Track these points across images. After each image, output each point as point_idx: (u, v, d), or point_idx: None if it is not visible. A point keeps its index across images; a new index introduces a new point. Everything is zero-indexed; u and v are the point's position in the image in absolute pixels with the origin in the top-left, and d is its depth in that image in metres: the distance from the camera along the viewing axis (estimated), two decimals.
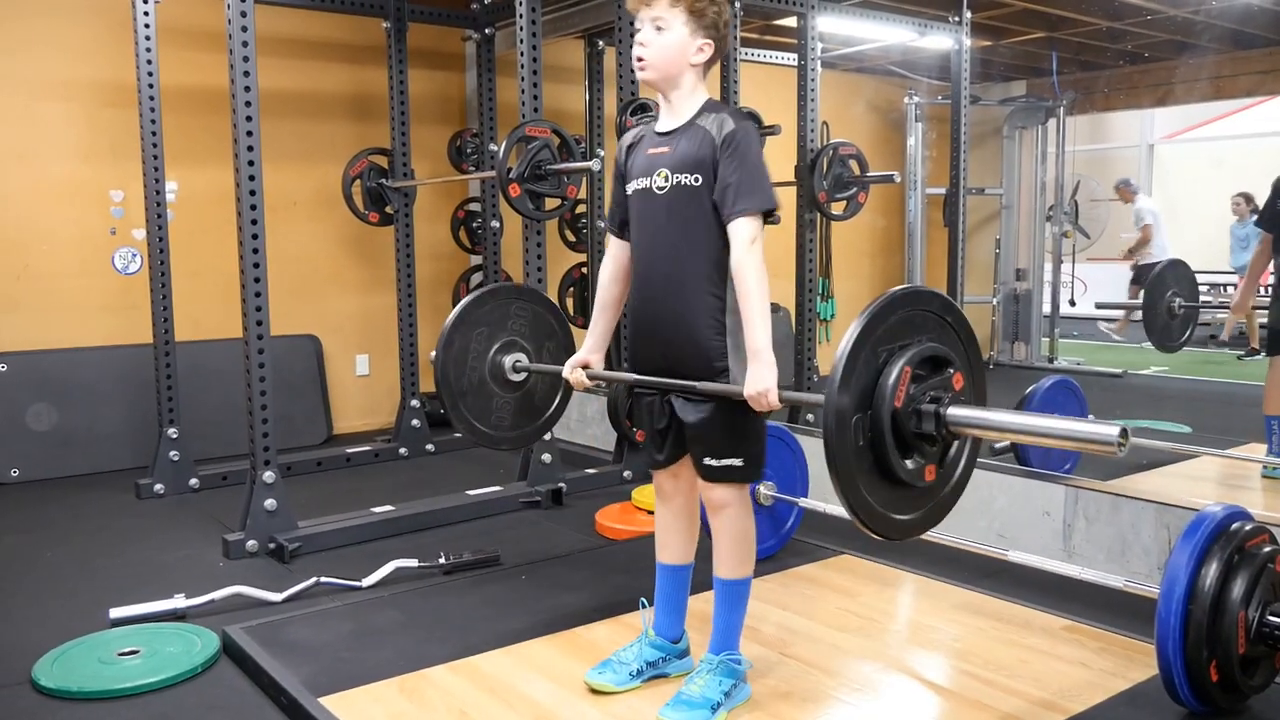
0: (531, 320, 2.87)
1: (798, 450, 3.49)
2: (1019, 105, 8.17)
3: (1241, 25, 6.48)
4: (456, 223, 5.95)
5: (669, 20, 2.19)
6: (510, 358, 2.82)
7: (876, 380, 1.84)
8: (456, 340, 2.74)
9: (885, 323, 1.85)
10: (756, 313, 2.12)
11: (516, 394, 2.85)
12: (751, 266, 2.13)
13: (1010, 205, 8.25)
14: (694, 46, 2.21)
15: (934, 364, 1.91)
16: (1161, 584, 2.22)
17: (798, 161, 4.76)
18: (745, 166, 2.15)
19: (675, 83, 2.24)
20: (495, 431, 2.83)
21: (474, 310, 2.79)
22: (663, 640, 2.47)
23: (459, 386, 2.74)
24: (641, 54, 2.22)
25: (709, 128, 2.20)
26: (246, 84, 3.51)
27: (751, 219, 2.14)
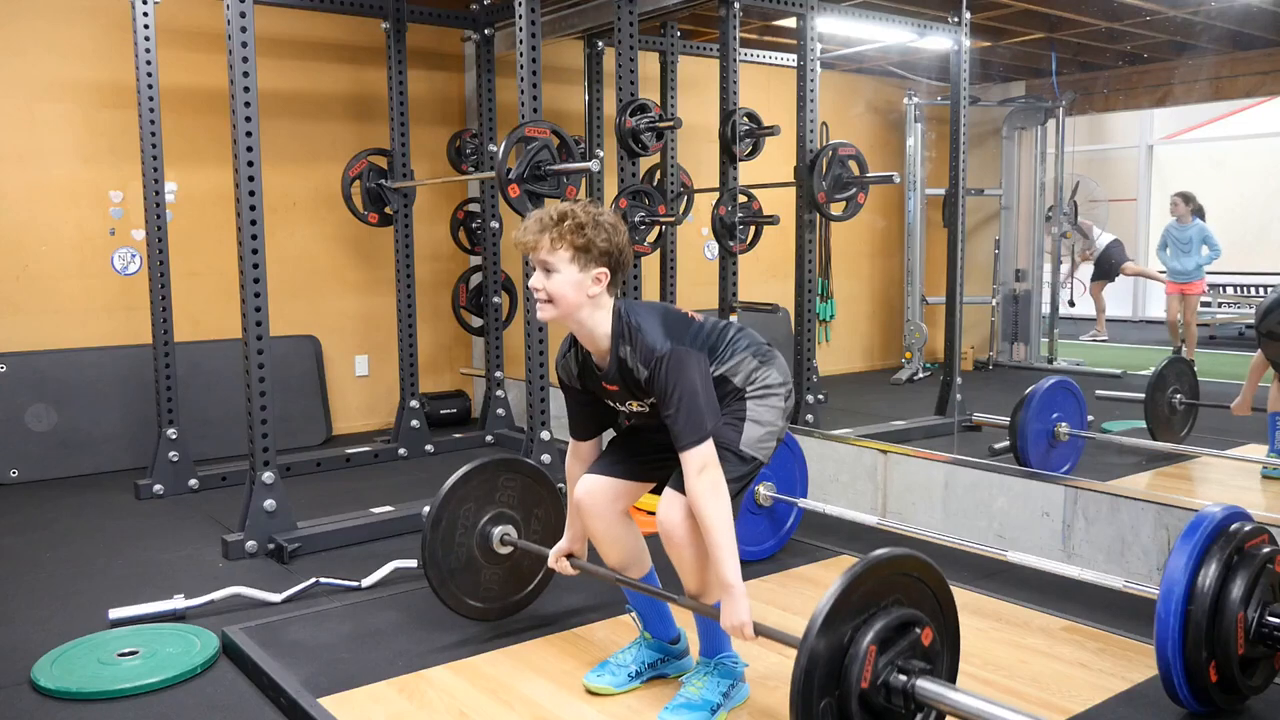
0: (520, 491, 2.82)
1: (797, 451, 3.49)
2: (1018, 106, 8.17)
3: (1241, 26, 6.48)
4: (456, 223, 5.95)
5: (555, 262, 2.14)
6: (499, 529, 2.77)
7: (843, 660, 1.81)
8: (444, 518, 2.69)
9: (850, 600, 1.82)
10: (721, 546, 2.08)
11: (504, 565, 2.81)
12: (706, 498, 2.08)
13: (1009, 206, 8.25)
14: (588, 279, 2.15)
15: (901, 628, 1.87)
16: (1161, 584, 2.22)
17: (797, 162, 4.76)
18: (676, 401, 2.10)
19: (575, 317, 2.19)
20: (484, 604, 2.80)
21: (460, 487, 2.72)
22: (659, 641, 2.47)
23: (448, 565, 2.71)
24: (538, 296, 2.18)
25: (634, 367, 2.17)
26: (246, 84, 3.51)
27: (696, 449, 2.10)
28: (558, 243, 2.13)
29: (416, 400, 5.28)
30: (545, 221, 2.15)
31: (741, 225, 5.15)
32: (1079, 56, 7.59)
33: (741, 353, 2.28)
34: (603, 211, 2.20)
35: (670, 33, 5.85)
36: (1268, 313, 4.00)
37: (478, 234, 5.82)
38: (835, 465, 4.08)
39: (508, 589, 2.85)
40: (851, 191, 4.81)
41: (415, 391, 5.28)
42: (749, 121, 5.18)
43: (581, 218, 2.14)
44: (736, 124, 4.96)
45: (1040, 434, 4.13)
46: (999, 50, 7.22)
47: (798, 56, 4.84)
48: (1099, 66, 7.92)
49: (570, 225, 2.13)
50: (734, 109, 4.89)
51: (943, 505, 3.70)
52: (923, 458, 3.83)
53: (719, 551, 2.08)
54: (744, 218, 5.16)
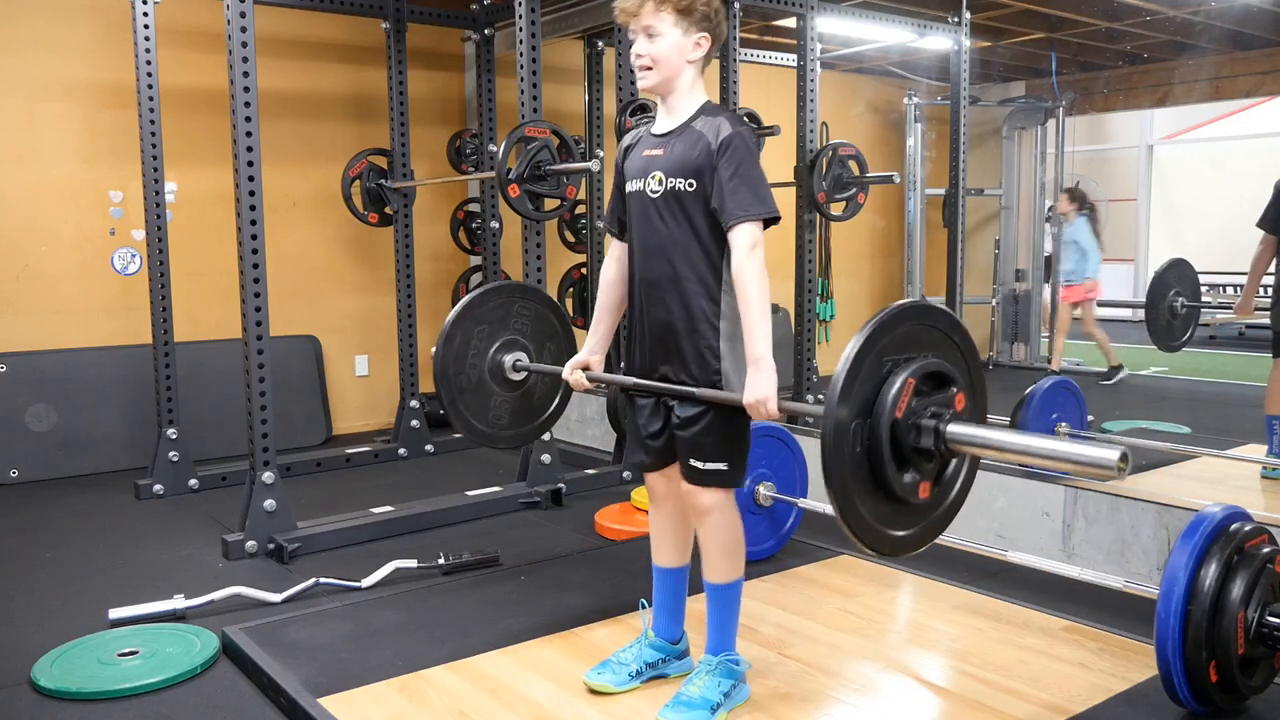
0: (534, 320, 2.85)
1: (797, 451, 3.49)
2: (1018, 106, 8.17)
3: (1241, 26, 6.49)
4: (456, 223, 5.96)
5: (659, 25, 2.17)
6: (511, 356, 2.80)
7: (879, 390, 1.81)
8: (458, 335, 2.72)
9: (892, 333, 1.83)
10: (757, 319, 2.11)
11: (516, 393, 2.83)
12: (752, 273, 2.11)
13: (1009, 206, 8.25)
14: (689, 44, 2.19)
15: (938, 381, 1.88)
16: (1161, 584, 2.22)
17: (797, 162, 4.76)
18: (744, 173, 2.13)
19: (674, 84, 2.22)
20: (492, 430, 2.81)
21: (477, 307, 2.76)
22: (662, 641, 2.47)
23: (458, 383, 2.72)
24: (639, 63, 2.20)
25: (705, 132, 2.18)
26: (246, 84, 3.51)
27: (752, 225, 2.13)
28: (662, 6, 2.15)
29: (416, 400, 5.28)
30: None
31: None
32: (1079, 56, 7.59)
33: None
34: None
35: None
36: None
37: (478, 234, 5.82)
38: None
39: (518, 418, 2.85)
40: (851, 191, 4.81)
41: (415, 391, 5.29)
42: (749, 122, 5.18)
43: None
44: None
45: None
46: (999, 50, 7.22)
47: (798, 56, 4.84)
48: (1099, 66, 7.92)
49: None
50: (734, 109, 4.89)
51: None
52: None
53: (755, 326, 2.11)
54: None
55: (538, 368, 2.81)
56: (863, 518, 1.82)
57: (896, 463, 1.83)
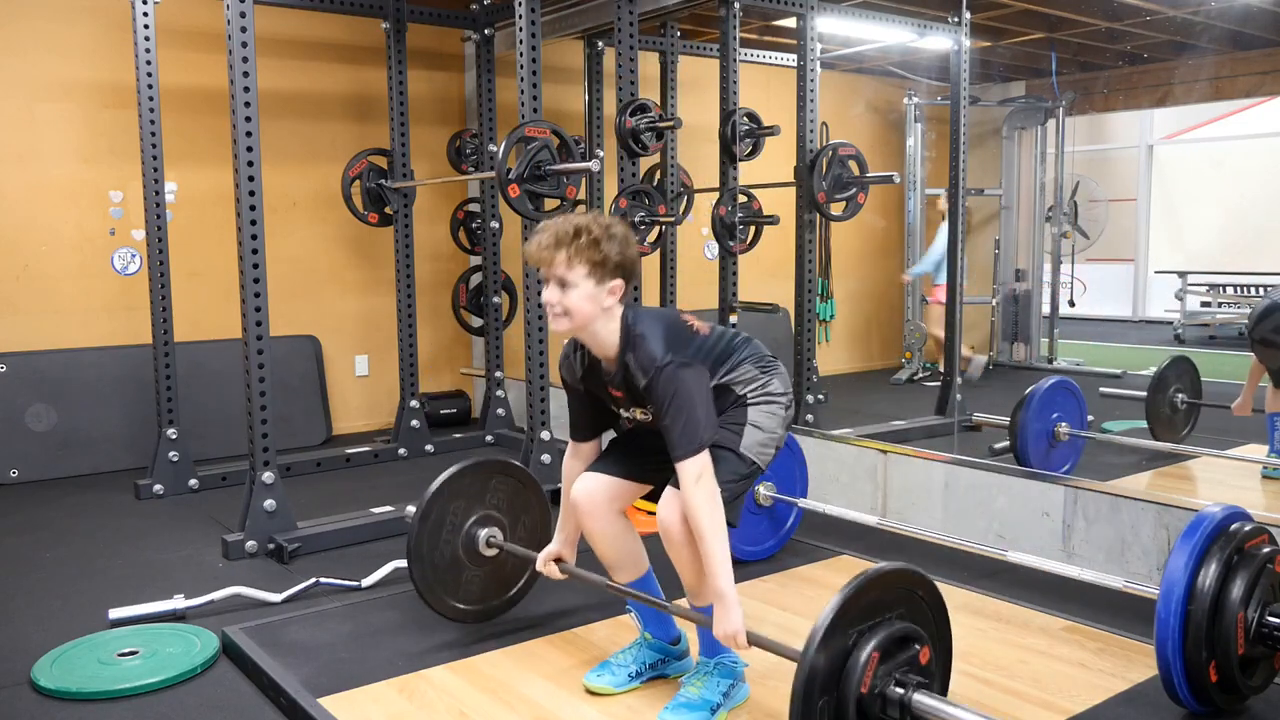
0: (510, 494, 2.82)
1: (797, 451, 3.49)
2: (1018, 106, 8.16)
3: (1241, 26, 6.48)
4: (456, 223, 5.95)
5: (571, 277, 2.15)
6: (485, 531, 2.76)
7: (845, 662, 1.84)
8: (434, 511, 2.68)
9: (857, 606, 1.85)
10: (715, 556, 2.10)
11: (486, 569, 2.80)
12: (701, 507, 2.10)
13: (1009, 206, 8.25)
14: (603, 293, 2.17)
15: (902, 642, 1.90)
16: (1161, 584, 2.22)
17: (797, 162, 4.76)
18: (672, 412, 2.11)
19: (591, 328, 2.20)
20: (463, 605, 2.78)
21: (454, 482, 2.72)
22: (660, 642, 2.47)
23: (432, 560, 2.70)
24: (552, 311, 2.18)
25: (634, 374, 2.17)
26: (246, 84, 3.51)
27: (693, 459, 2.11)
28: (575, 259, 2.14)
29: (416, 400, 5.28)
30: (561, 237, 2.14)
31: (741, 225, 5.15)
32: (1079, 56, 7.59)
33: (745, 363, 2.30)
34: (614, 222, 2.21)
35: (670, 33, 5.85)
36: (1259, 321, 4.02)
37: (478, 234, 5.82)
38: (835, 465, 4.08)
39: (489, 592, 2.83)
40: (851, 191, 4.81)
41: (415, 391, 5.29)
42: (749, 121, 5.18)
43: (596, 232, 2.15)
44: (736, 124, 4.96)
45: (1040, 434, 4.13)
46: (999, 50, 7.22)
47: (798, 56, 4.84)
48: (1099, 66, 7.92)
49: (586, 241, 2.13)
50: (734, 109, 4.89)
51: (943, 505, 3.70)
52: (923, 458, 3.83)
53: (712, 562, 2.10)
54: (744, 218, 5.16)
55: (511, 549, 2.77)
56: None
57: None
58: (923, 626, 1.96)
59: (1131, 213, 11.40)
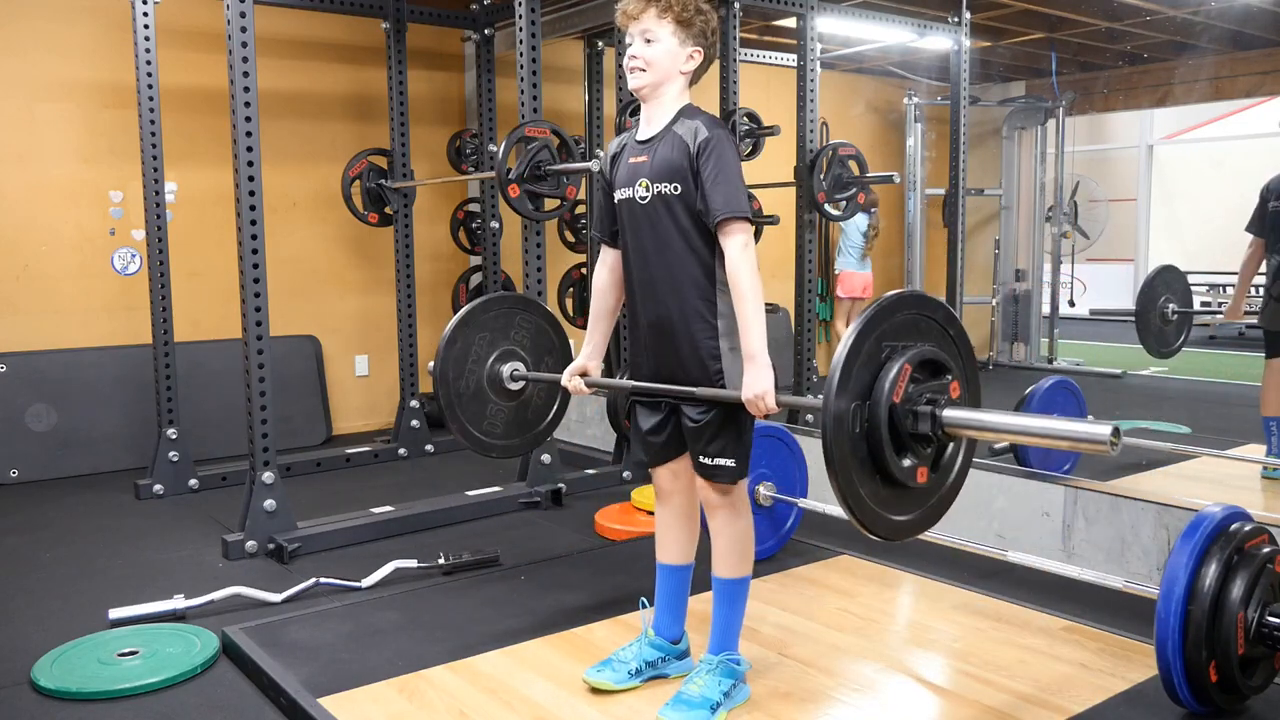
0: (534, 332, 2.85)
1: (797, 451, 3.49)
2: (1018, 106, 8.17)
3: (1241, 26, 6.49)
4: (456, 223, 5.95)
5: (657, 32, 2.22)
6: (509, 366, 2.81)
7: (877, 375, 1.86)
8: (459, 340, 2.72)
9: (890, 320, 1.87)
10: (751, 316, 2.14)
11: (512, 403, 2.83)
12: (745, 270, 2.15)
13: (1009, 206, 8.25)
14: (684, 55, 2.25)
15: (933, 369, 1.93)
16: (1161, 584, 2.22)
17: (797, 162, 4.76)
18: (724, 174, 2.17)
19: (662, 91, 2.27)
20: (487, 438, 2.81)
21: (479, 314, 2.77)
22: (662, 640, 2.47)
23: (457, 388, 2.73)
24: (633, 64, 2.24)
25: (684, 135, 2.22)
26: (246, 84, 3.51)
27: (739, 223, 2.16)
28: (664, 13, 2.21)
29: (416, 400, 5.28)
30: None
31: None
32: (1079, 56, 7.59)
33: None
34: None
35: None
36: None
37: (478, 234, 5.82)
38: None
39: (513, 429, 2.86)
40: (851, 191, 4.81)
41: (415, 391, 5.29)
42: (749, 121, 5.18)
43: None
44: (736, 124, 4.96)
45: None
46: (999, 50, 7.22)
47: (798, 56, 4.84)
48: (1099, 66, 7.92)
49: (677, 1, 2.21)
50: (734, 109, 4.89)
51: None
52: None
53: (749, 321, 2.14)
54: None
55: (535, 376, 2.81)
56: (863, 499, 1.86)
57: (895, 446, 1.87)
58: (953, 361, 1.96)
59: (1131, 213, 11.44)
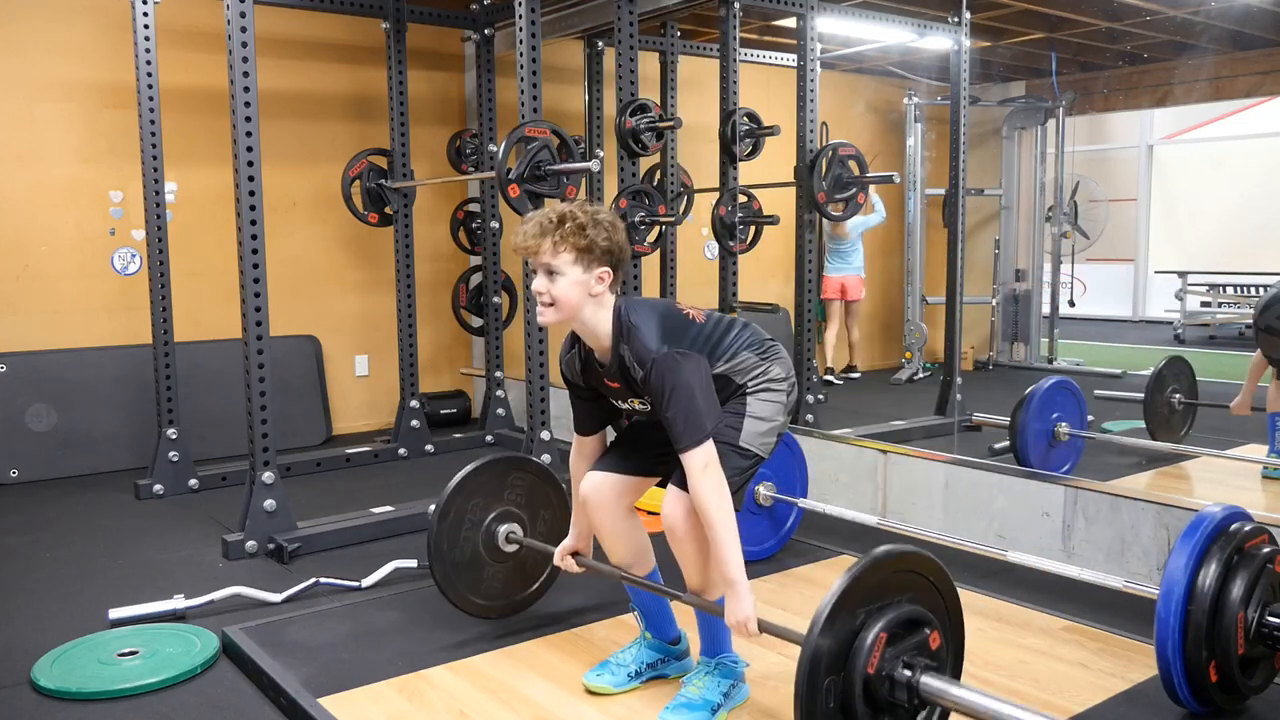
0: (528, 490, 2.82)
1: (797, 451, 3.49)
2: (1018, 106, 8.16)
3: (1241, 26, 6.48)
4: (456, 223, 5.95)
5: (559, 265, 2.13)
6: (504, 528, 2.77)
7: (852, 642, 1.81)
8: (452, 510, 2.69)
9: (865, 584, 1.83)
10: (725, 544, 2.09)
11: (507, 565, 2.80)
12: (710, 495, 2.09)
13: (1009, 206, 8.25)
14: (591, 279, 2.15)
15: (911, 625, 1.88)
16: (1161, 584, 2.22)
17: (797, 162, 4.76)
18: (673, 404, 2.10)
19: (580, 317, 2.19)
20: (487, 602, 2.79)
21: (472, 480, 2.73)
22: (659, 641, 2.47)
23: (452, 558, 2.70)
24: (540, 299, 2.17)
25: (629, 366, 2.16)
26: (246, 84, 3.51)
27: (697, 449, 2.09)
28: (560, 245, 2.12)
29: (416, 400, 5.28)
30: (546, 225, 2.13)
31: (741, 225, 5.15)
32: (1079, 56, 7.59)
33: (744, 351, 2.27)
34: (600, 210, 2.19)
35: (670, 33, 5.85)
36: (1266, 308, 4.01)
37: (478, 234, 5.82)
38: (835, 465, 4.08)
39: (511, 588, 2.84)
40: (851, 191, 4.81)
41: (415, 391, 5.28)
42: (749, 121, 5.18)
43: (581, 218, 2.13)
44: (736, 124, 4.96)
45: (1040, 434, 4.13)
46: (999, 50, 7.22)
47: (798, 56, 4.84)
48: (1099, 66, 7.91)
49: (571, 227, 2.12)
50: (734, 109, 4.89)
51: (943, 505, 3.70)
52: (923, 458, 3.83)
53: (723, 549, 2.09)
54: (744, 218, 5.16)
55: (530, 544, 2.77)
56: None
57: (870, 715, 1.83)
58: (933, 612, 1.93)
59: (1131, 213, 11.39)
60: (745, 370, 2.27)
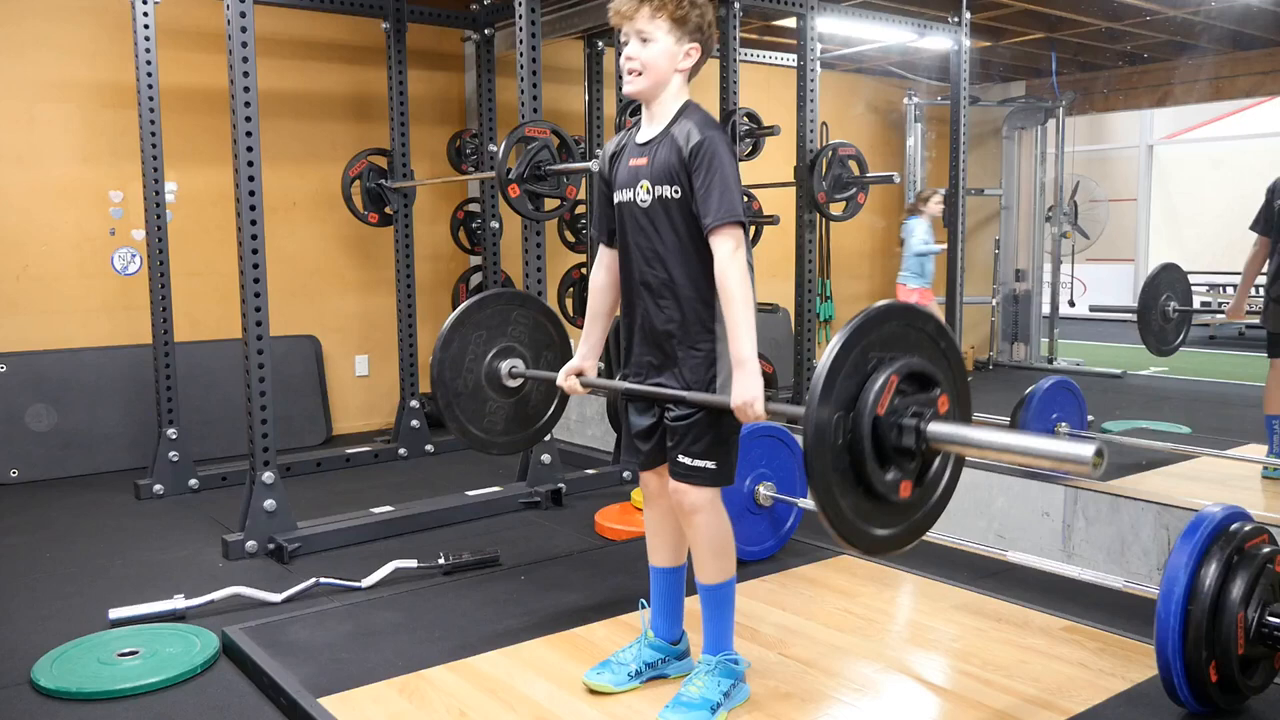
0: (531, 328, 2.84)
1: (797, 451, 3.49)
2: (1018, 106, 8.17)
3: (1240, 26, 6.48)
4: (456, 223, 5.96)
5: (652, 31, 2.17)
6: (507, 363, 2.79)
7: (862, 386, 1.80)
8: (455, 340, 2.71)
9: (878, 330, 1.82)
10: (741, 322, 2.11)
11: (511, 400, 2.81)
12: (734, 276, 2.12)
13: (1009, 206, 8.26)
14: (680, 53, 2.20)
15: (922, 381, 1.86)
16: (1161, 584, 2.22)
17: (797, 162, 4.76)
18: (716, 178, 2.13)
19: (660, 91, 2.23)
20: (487, 435, 2.79)
21: (475, 313, 2.75)
22: (661, 641, 2.47)
23: (454, 387, 2.71)
24: (629, 66, 2.21)
25: (678, 137, 2.19)
26: (246, 84, 3.51)
27: (729, 228, 2.13)
28: (658, 12, 2.16)
29: (416, 400, 5.28)
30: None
31: None
32: (1079, 56, 7.59)
33: None
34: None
35: None
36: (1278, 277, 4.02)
37: (478, 234, 5.82)
38: None
39: (513, 425, 2.84)
40: (851, 191, 4.81)
41: (415, 391, 5.29)
42: (749, 121, 5.18)
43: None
44: (736, 124, 4.96)
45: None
46: (999, 50, 7.22)
47: (798, 56, 4.84)
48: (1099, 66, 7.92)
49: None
50: (734, 109, 4.89)
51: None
52: None
53: (739, 327, 2.11)
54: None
55: (533, 374, 2.79)
56: (843, 512, 1.81)
57: (878, 459, 1.81)
58: (943, 375, 1.90)
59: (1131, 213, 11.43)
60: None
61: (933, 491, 1.93)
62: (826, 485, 1.77)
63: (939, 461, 1.91)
